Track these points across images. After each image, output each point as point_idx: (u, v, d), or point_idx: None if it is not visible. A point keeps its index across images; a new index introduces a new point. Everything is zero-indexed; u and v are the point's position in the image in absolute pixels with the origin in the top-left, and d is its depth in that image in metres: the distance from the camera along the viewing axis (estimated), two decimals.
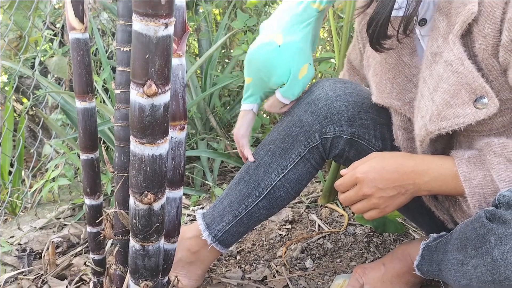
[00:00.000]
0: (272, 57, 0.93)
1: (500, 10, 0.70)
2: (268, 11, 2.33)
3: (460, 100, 0.75)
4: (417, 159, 0.84)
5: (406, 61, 0.89)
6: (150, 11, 0.57)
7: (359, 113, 0.95)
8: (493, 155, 0.76)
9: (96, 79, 1.63)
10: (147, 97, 0.62)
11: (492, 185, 0.75)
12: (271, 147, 1.00)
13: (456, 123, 0.75)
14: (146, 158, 0.66)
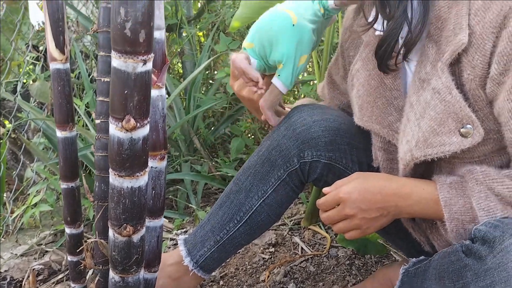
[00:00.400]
0: (283, 33, 0.93)
1: (491, 43, 0.72)
2: None
3: (447, 128, 0.76)
4: (400, 182, 0.85)
5: (388, 83, 0.90)
6: (129, 49, 0.58)
7: (336, 138, 0.97)
8: (475, 182, 0.77)
9: (79, 103, 1.63)
10: (125, 131, 0.63)
11: (471, 212, 0.77)
12: (251, 172, 1.01)
13: (442, 151, 0.77)
14: (125, 190, 0.66)
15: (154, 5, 0.59)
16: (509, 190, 0.75)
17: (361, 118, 0.94)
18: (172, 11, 2.21)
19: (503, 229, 0.70)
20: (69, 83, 0.90)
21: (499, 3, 0.71)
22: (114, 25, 0.57)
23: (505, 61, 0.71)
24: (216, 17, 2.17)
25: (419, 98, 0.81)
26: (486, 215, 0.75)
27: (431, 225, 0.91)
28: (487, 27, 0.72)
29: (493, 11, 0.71)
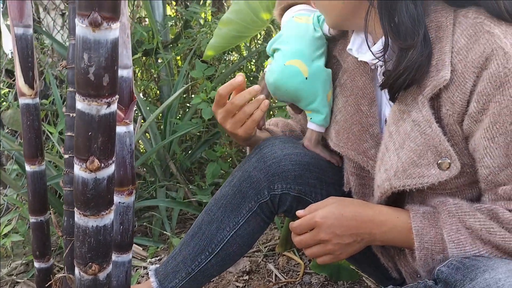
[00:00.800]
0: (301, 90, 0.97)
1: (471, 82, 0.75)
2: (227, 58, 2.40)
3: (426, 160, 0.78)
4: (375, 209, 0.86)
5: (364, 110, 0.92)
6: (92, 92, 0.60)
7: (305, 173, 0.99)
8: (447, 214, 0.79)
9: (52, 130, 1.62)
10: (90, 172, 0.63)
11: (442, 244, 0.79)
12: (223, 203, 1.02)
13: (420, 182, 0.79)
14: (90, 229, 0.67)
15: (118, 49, 0.60)
16: (480, 224, 0.77)
17: (337, 143, 0.95)
18: (149, 35, 2.23)
19: (464, 273, 0.71)
20: (38, 117, 0.91)
21: (482, 44, 0.74)
22: (78, 70, 0.58)
23: (484, 100, 0.74)
24: (192, 43, 2.20)
25: (398, 128, 0.83)
26: (455, 248, 0.77)
27: (399, 252, 0.94)
28: (469, 66, 0.75)
29: (476, 52, 0.74)
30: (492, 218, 0.77)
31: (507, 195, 0.77)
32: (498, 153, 0.75)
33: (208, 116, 1.81)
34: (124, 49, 0.74)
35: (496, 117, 0.74)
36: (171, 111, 2.08)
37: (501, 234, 0.76)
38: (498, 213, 0.77)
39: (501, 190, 0.77)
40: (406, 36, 0.77)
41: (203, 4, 2.44)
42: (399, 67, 0.78)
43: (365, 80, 0.93)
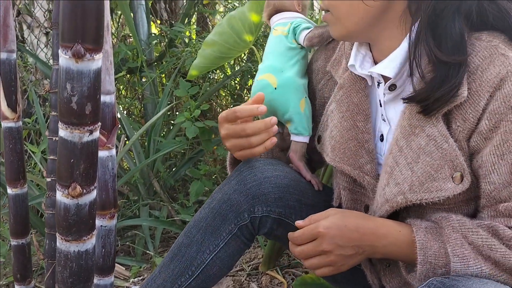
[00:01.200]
0: (271, 100, 1.00)
1: (485, 101, 0.78)
2: (211, 77, 2.42)
3: (443, 174, 0.80)
4: (377, 222, 0.87)
5: (360, 126, 0.93)
6: (75, 121, 0.61)
7: (285, 195, 1.00)
8: (452, 230, 0.81)
9: (34, 150, 1.62)
10: (72, 198, 0.64)
11: (445, 258, 0.80)
12: (202, 225, 1.02)
13: (437, 196, 0.81)
14: (71, 254, 0.67)
15: (100, 78, 0.62)
16: (482, 240, 0.79)
17: (333, 158, 0.96)
18: (133, 53, 2.25)
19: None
20: (20, 140, 0.91)
21: (497, 66, 0.77)
22: (60, 99, 0.60)
23: (496, 119, 0.77)
24: (177, 61, 2.22)
25: (410, 143, 0.84)
26: (459, 262, 0.79)
27: (384, 268, 0.96)
28: (484, 85, 0.78)
29: (491, 73, 0.77)
30: (493, 235, 0.79)
31: (507, 211, 0.79)
32: (505, 170, 0.78)
33: (192, 135, 1.83)
34: (107, 75, 0.76)
35: (507, 135, 0.77)
36: (155, 129, 2.08)
37: (501, 250, 0.78)
38: (499, 230, 0.79)
39: (502, 206, 0.80)
40: (456, 51, 0.77)
41: (187, 23, 2.47)
42: (446, 82, 0.77)
43: (361, 96, 0.94)
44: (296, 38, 1.04)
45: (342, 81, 0.97)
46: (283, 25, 1.06)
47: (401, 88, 0.88)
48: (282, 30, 1.05)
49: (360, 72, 0.92)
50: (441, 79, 0.78)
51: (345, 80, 0.96)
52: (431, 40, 0.78)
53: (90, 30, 0.58)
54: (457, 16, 0.78)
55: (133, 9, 2.30)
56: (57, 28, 0.89)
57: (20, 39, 2.23)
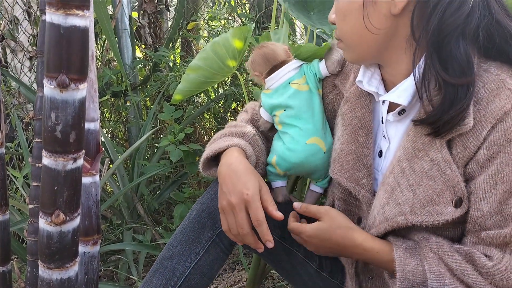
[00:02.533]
0: (320, 163, 1.02)
1: (486, 131, 0.80)
2: (196, 100, 2.44)
3: (444, 199, 0.83)
4: (363, 237, 0.89)
5: (360, 141, 0.95)
6: (59, 149, 0.62)
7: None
8: (429, 250, 0.83)
9: (17, 175, 1.60)
10: (55, 225, 0.65)
11: (422, 275, 0.83)
12: (183, 236, 1.03)
13: (437, 219, 0.83)
14: (54, 282, 0.67)
15: (85, 107, 0.63)
16: (456, 264, 0.81)
17: (332, 170, 0.99)
18: (118, 77, 2.27)
19: None
20: (3, 167, 0.91)
21: (503, 99, 0.79)
22: (45, 128, 0.61)
23: (494, 150, 0.80)
24: (161, 85, 2.24)
25: (413, 165, 0.86)
26: (436, 279, 0.82)
27: (367, 279, 0.98)
28: (487, 117, 0.80)
29: (496, 105, 0.79)
30: (468, 261, 0.81)
31: (489, 240, 0.81)
32: (494, 200, 0.80)
33: (176, 158, 1.83)
34: (91, 103, 0.77)
35: (503, 167, 0.79)
36: (139, 153, 2.09)
37: (473, 277, 0.80)
38: (475, 257, 0.81)
39: (484, 234, 0.82)
40: (462, 73, 0.79)
41: (172, 47, 2.50)
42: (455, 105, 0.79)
43: (364, 112, 0.96)
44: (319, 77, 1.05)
45: (348, 95, 0.99)
46: (298, 78, 1.05)
47: (408, 112, 0.90)
48: (304, 85, 1.04)
49: (367, 89, 0.94)
50: (450, 101, 0.79)
51: (351, 94, 0.98)
52: (437, 64, 0.80)
53: (75, 61, 0.59)
54: (461, 39, 0.80)
55: (118, 33, 2.33)
56: (42, 56, 0.90)
57: (4, 64, 2.23)
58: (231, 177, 0.93)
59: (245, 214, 0.91)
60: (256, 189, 0.91)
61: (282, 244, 1.06)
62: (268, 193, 0.93)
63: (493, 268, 0.79)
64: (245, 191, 0.90)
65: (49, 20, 0.58)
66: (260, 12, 2.53)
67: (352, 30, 0.88)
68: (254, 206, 0.90)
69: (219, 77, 1.57)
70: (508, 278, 0.78)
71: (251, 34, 1.48)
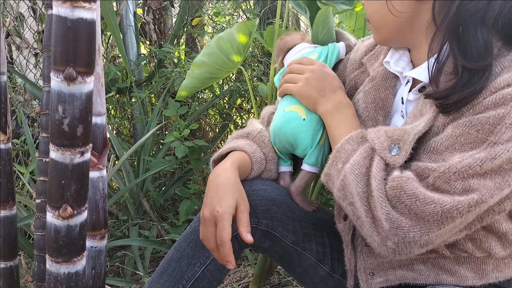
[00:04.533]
0: (298, 131, 1.02)
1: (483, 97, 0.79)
2: (201, 96, 2.44)
3: (390, 134, 0.86)
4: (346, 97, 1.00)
5: (380, 120, 0.98)
6: (66, 142, 0.62)
7: (273, 207, 1.02)
8: (368, 146, 0.87)
9: (23, 171, 1.61)
10: (62, 219, 0.65)
11: (348, 157, 0.88)
12: (193, 238, 1.03)
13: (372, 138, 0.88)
14: (62, 276, 0.67)
15: (92, 101, 0.63)
16: (376, 168, 0.83)
17: None
18: (123, 74, 2.27)
19: None
20: (10, 162, 0.91)
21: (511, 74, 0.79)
22: (52, 121, 0.61)
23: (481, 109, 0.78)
24: (166, 81, 2.24)
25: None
26: (351, 167, 0.86)
27: (363, 245, 0.98)
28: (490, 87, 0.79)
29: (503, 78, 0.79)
30: (385, 170, 0.83)
31: (413, 166, 0.82)
32: (445, 143, 0.80)
33: (182, 154, 1.83)
34: (98, 97, 0.77)
35: (473, 120, 0.78)
36: (145, 149, 2.09)
37: (378, 182, 0.82)
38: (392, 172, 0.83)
39: (414, 163, 0.82)
40: (479, 58, 0.80)
41: (176, 44, 2.50)
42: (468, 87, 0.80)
43: (388, 93, 0.99)
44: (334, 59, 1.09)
45: (374, 74, 1.01)
46: (307, 55, 1.09)
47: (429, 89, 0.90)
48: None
49: (394, 69, 0.96)
50: (463, 83, 0.81)
51: (378, 73, 1.01)
52: (456, 49, 0.81)
53: (82, 54, 0.59)
54: (480, 26, 0.81)
55: (123, 30, 2.33)
56: (48, 51, 0.90)
57: (9, 60, 2.24)
58: (212, 189, 0.93)
59: (213, 230, 0.90)
60: (228, 207, 0.89)
61: (295, 249, 1.05)
62: (245, 212, 0.91)
63: (396, 176, 0.80)
64: (217, 208, 0.89)
65: (56, 12, 0.57)
66: (264, 8, 2.52)
67: (376, 12, 0.92)
68: (220, 225, 0.88)
69: (224, 73, 1.57)
70: (399, 195, 0.79)
71: (255, 29, 1.47)
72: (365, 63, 1.06)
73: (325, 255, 1.07)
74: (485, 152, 0.76)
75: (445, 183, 0.78)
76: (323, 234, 1.07)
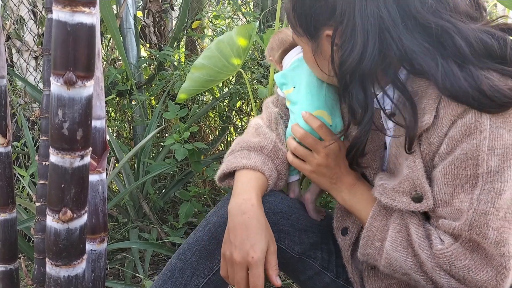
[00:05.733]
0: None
1: (447, 127, 0.82)
2: (201, 99, 2.45)
3: (402, 188, 0.87)
4: (356, 179, 0.97)
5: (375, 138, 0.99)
6: (66, 146, 0.62)
7: (279, 220, 1.01)
8: (400, 216, 0.88)
9: (23, 173, 1.61)
10: (62, 223, 0.65)
11: (384, 234, 0.89)
12: (197, 248, 1.02)
13: (395, 204, 0.88)
14: (62, 280, 0.68)
15: (91, 105, 0.63)
16: (417, 236, 0.85)
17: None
18: (123, 76, 2.27)
19: None
20: (10, 165, 0.92)
21: None
22: (52, 125, 0.61)
23: (452, 145, 0.82)
24: (166, 84, 2.24)
25: (399, 159, 0.91)
26: (391, 243, 0.87)
27: (369, 269, 0.99)
28: (448, 113, 0.82)
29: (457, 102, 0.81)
30: (426, 238, 0.86)
31: (443, 227, 0.84)
32: (447, 191, 0.83)
33: (182, 157, 1.83)
34: (97, 101, 0.77)
35: (455, 160, 0.82)
36: (145, 152, 2.09)
37: (427, 253, 0.84)
38: (432, 237, 0.85)
39: (441, 221, 0.85)
40: (356, 113, 0.86)
41: (176, 46, 2.50)
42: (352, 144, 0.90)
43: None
44: None
45: None
46: None
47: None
48: None
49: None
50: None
51: None
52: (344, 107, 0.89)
53: (81, 58, 0.59)
54: (358, 84, 0.84)
55: (123, 33, 2.33)
56: (48, 54, 0.90)
57: (9, 63, 2.24)
58: (241, 230, 0.91)
59: (244, 274, 0.89)
60: (262, 253, 0.88)
61: (300, 258, 1.05)
62: (274, 254, 0.91)
63: (441, 251, 0.82)
64: (251, 253, 0.88)
65: (56, 17, 0.58)
66: (264, 11, 2.53)
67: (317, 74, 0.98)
68: (256, 272, 0.87)
69: (224, 76, 1.57)
70: (451, 264, 0.82)
71: (255, 32, 1.48)
72: None
73: (330, 262, 1.07)
74: (487, 190, 0.79)
75: (478, 235, 0.80)
76: (329, 241, 1.08)
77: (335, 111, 1.02)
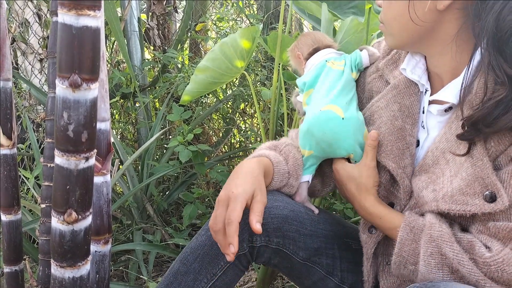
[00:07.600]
0: (338, 131, 0.98)
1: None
2: (204, 101, 2.45)
3: (472, 190, 0.82)
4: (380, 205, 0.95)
5: (408, 129, 0.95)
6: (71, 148, 0.62)
7: (284, 225, 1.01)
8: (429, 238, 0.85)
9: (28, 175, 1.62)
10: (67, 224, 0.65)
11: (416, 257, 0.86)
12: (200, 253, 1.01)
13: (463, 209, 0.83)
14: (66, 281, 0.68)
15: (96, 107, 0.64)
16: (454, 253, 0.82)
17: (380, 153, 0.98)
18: (127, 79, 2.28)
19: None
20: (15, 167, 0.92)
21: None
22: (57, 127, 0.61)
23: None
24: (170, 86, 2.25)
25: (455, 157, 0.86)
26: (424, 266, 0.84)
27: (385, 264, 0.98)
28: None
29: None
30: (466, 251, 0.82)
31: (495, 230, 0.81)
32: (510, 192, 0.80)
33: (185, 159, 1.84)
34: (102, 103, 0.78)
35: None
36: (149, 154, 2.10)
37: (469, 267, 0.80)
38: (475, 246, 0.81)
39: (492, 224, 0.82)
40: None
41: (180, 49, 2.51)
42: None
43: (413, 100, 0.97)
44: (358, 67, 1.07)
45: (396, 82, 0.99)
46: (337, 59, 1.08)
47: (455, 108, 0.90)
48: (336, 64, 1.07)
49: (410, 76, 0.95)
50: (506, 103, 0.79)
51: (400, 81, 0.99)
52: (500, 59, 0.79)
53: (86, 61, 0.60)
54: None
55: (127, 35, 2.34)
56: (53, 57, 0.91)
57: (15, 66, 2.26)
58: (232, 176, 0.93)
59: (223, 211, 0.88)
60: (245, 192, 0.88)
61: (304, 264, 1.04)
62: (261, 204, 0.89)
63: (491, 258, 0.79)
64: (233, 189, 0.88)
65: (61, 20, 0.58)
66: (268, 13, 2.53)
67: (395, 18, 0.89)
68: (232, 205, 0.86)
69: (227, 78, 1.58)
70: (503, 270, 0.78)
71: (259, 35, 1.48)
72: (382, 68, 1.04)
73: (335, 267, 1.06)
74: None
75: None
76: (333, 246, 1.07)
77: (349, 106, 1.01)
